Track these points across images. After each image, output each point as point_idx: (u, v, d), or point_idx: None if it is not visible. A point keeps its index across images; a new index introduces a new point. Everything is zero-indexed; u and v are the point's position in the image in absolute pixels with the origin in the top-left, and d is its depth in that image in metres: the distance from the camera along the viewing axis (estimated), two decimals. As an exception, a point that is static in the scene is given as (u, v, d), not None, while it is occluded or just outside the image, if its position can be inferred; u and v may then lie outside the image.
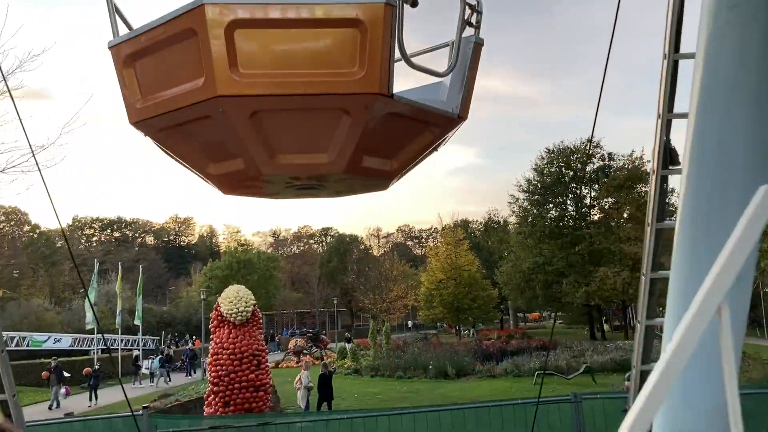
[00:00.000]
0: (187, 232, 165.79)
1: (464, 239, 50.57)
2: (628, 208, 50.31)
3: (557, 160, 54.03)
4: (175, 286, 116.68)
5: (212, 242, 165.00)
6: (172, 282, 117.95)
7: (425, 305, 49.05)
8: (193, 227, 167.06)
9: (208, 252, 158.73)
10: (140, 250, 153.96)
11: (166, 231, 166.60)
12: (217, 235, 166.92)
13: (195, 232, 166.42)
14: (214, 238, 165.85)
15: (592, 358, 27.43)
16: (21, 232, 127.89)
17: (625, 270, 48.72)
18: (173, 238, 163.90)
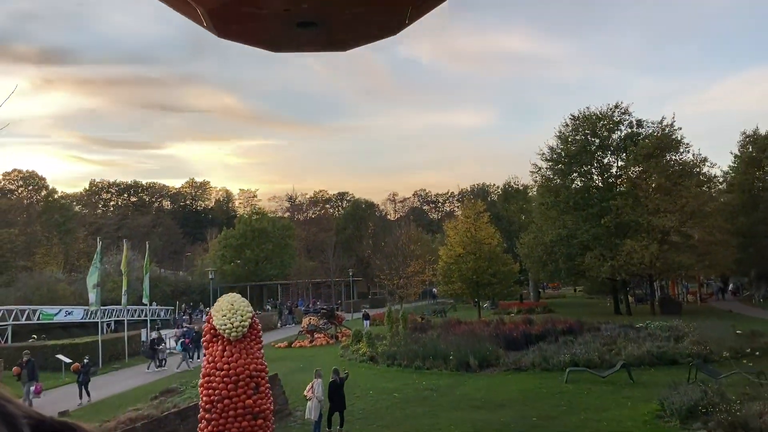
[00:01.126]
0: (204, 197, 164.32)
1: (484, 211, 47.91)
2: (657, 177, 47.38)
3: (582, 127, 51.00)
4: (192, 252, 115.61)
5: (228, 207, 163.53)
6: (188, 248, 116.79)
7: (443, 280, 46.80)
8: (209, 192, 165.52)
9: (224, 217, 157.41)
10: (157, 214, 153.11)
11: (182, 195, 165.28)
12: (233, 200, 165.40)
13: (211, 197, 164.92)
14: (230, 202, 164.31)
15: (626, 350, 25.11)
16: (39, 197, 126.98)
17: (653, 243, 46.10)
18: (189, 202, 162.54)
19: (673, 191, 47.04)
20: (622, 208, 47.64)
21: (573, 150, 50.57)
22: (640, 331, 33.58)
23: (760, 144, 61.03)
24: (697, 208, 45.69)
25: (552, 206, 51.28)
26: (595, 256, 47.93)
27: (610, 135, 51.13)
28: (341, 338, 40.62)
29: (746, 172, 60.92)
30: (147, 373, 32.16)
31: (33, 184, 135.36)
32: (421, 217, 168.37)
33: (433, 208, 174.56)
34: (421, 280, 46.37)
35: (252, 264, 75.99)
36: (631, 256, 46.04)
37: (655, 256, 45.54)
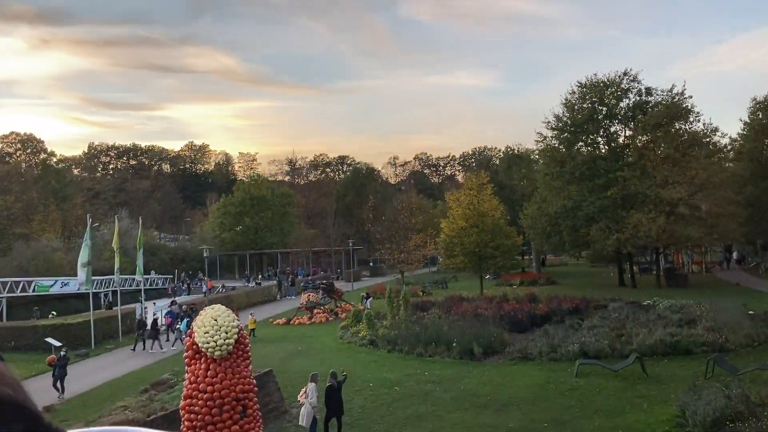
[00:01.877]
0: (203, 160, 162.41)
1: (488, 183, 46.33)
2: (666, 148, 45.69)
3: (590, 95, 49.06)
4: (191, 217, 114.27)
5: (228, 170, 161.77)
6: (188, 212, 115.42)
7: (445, 253, 45.49)
8: (209, 155, 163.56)
9: (224, 180, 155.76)
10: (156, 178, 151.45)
11: (182, 158, 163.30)
12: (233, 163, 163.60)
13: (211, 160, 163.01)
14: (230, 166, 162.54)
15: (638, 338, 23.86)
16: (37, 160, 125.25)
17: (661, 216, 44.66)
18: (189, 166, 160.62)
19: (682, 162, 45.41)
20: (629, 180, 46.06)
21: (580, 118, 48.74)
22: (648, 311, 32.39)
23: (772, 110, 59.12)
24: (706, 180, 44.10)
25: (557, 176, 49.70)
26: (600, 229, 46.53)
27: (618, 103, 49.23)
28: (341, 314, 39.49)
29: (756, 139, 59.15)
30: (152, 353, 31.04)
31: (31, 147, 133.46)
32: (422, 181, 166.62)
33: (434, 172, 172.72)
34: (422, 254, 45.03)
35: (251, 232, 74.70)
36: (637, 228, 44.64)
37: (662, 229, 44.14)
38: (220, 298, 44.97)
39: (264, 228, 74.87)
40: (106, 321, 34.84)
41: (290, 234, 75.12)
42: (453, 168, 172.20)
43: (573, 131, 49.05)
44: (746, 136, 60.55)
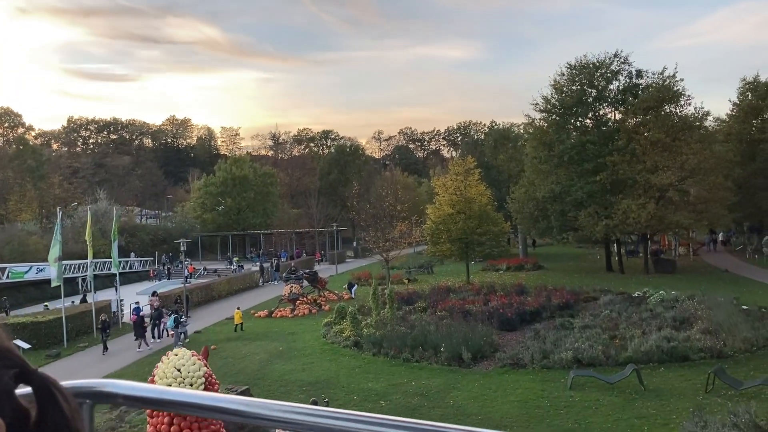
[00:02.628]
0: (185, 134, 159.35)
1: (474, 167, 44.95)
2: (657, 132, 44.45)
3: (579, 77, 47.57)
4: (173, 194, 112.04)
5: (210, 145, 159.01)
6: (169, 189, 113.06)
7: (431, 240, 44.24)
8: (191, 129, 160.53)
9: (206, 155, 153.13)
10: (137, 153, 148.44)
11: (163, 133, 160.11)
12: (215, 138, 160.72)
13: (193, 135, 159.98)
14: (212, 140, 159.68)
15: (633, 343, 22.81)
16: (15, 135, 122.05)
17: (650, 202, 43.63)
18: (171, 140, 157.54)
19: (672, 147, 44.28)
20: (618, 165, 44.89)
21: (569, 101, 47.32)
22: (640, 305, 31.48)
23: (761, 92, 58.04)
24: (697, 165, 43.03)
25: (545, 160, 48.45)
26: (589, 214, 45.46)
27: (607, 85, 47.82)
28: (324, 306, 38.22)
29: (745, 120, 58.15)
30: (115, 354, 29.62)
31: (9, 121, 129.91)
32: (407, 156, 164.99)
33: (419, 147, 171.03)
34: (407, 243, 43.73)
35: (233, 212, 72.97)
36: (626, 215, 43.65)
37: (651, 215, 43.16)
38: (200, 287, 43.51)
39: (246, 208, 73.14)
40: (80, 317, 33.26)
41: (273, 214, 73.44)
42: (438, 142, 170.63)
43: (562, 114, 47.65)
44: (736, 117, 59.51)
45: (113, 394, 1.42)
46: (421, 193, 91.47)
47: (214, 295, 44.42)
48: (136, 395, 1.43)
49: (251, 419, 1.31)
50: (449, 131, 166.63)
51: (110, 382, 1.43)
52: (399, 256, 42.79)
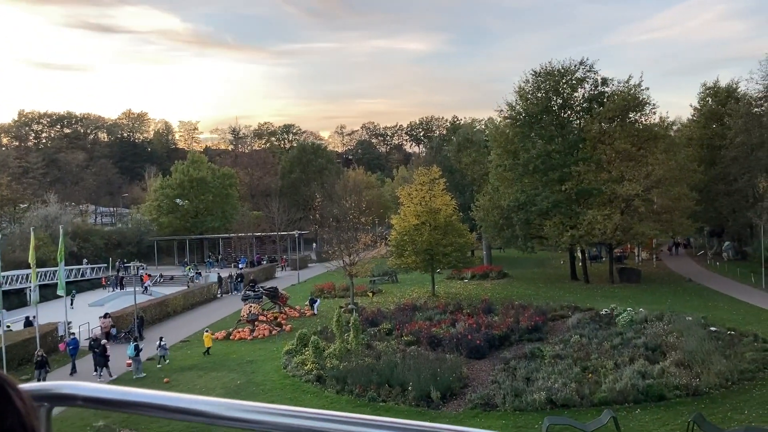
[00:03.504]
0: (142, 129, 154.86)
1: (440, 177, 43.77)
2: (622, 142, 43.85)
3: (544, 84, 46.63)
4: (129, 192, 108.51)
5: (168, 139, 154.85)
6: (125, 187, 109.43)
7: (396, 252, 42.94)
8: (148, 123, 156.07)
9: (164, 150, 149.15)
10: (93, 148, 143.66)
11: (119, 127, 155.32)
12: (173, 132, 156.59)
13: (150, 129, 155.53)
14: (170, 135, 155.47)
15: (607, 380, 21.86)
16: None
17: (616, 213, 43.05)
18: (127, 134, 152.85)
19: (638, 156, 43.77)
20: (584, 174, 44.19)
21: (534, 109, 46.35)
22: (609, 326, 30.76)
23: (721, 97, 58.18)
24: (662, 176, 42.60)
25: (510, 168, 47.49)
26: (554, 225, 44.73)
27: (573, 93, 47.00)
28: (285, 325, 36.62)
29: (706, 126, 58.22)
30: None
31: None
32: (370, 151, 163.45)
33: (381, 141, 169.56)
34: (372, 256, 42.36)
35: (191, 215, 70.51)
36: (592, 226, 43.01)
37: (617, 226, 42.60)
38: (154, 304, 41.38)
39: (204, 211, 70.74)
40: (23, 345, 30.99)
41: (233, 217, 71.20)
42: (401, 137, 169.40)
43: (527, 122, 46.68)
44: (697, 122, 59.57)
45: (72, 396, 1.37)
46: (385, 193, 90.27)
47: (169, 312, 42.38)
48: (96, 396, 1.38)
49: (217, 420, 1.27)
50: (412, 126, 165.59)
51: (69, 383, 1.36)
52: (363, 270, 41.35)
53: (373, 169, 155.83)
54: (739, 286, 42.93)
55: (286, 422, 1.22)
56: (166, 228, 70.44)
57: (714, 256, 57.49)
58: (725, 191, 53.84)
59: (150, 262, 71.27)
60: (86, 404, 1.37)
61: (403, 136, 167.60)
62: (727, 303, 37.62)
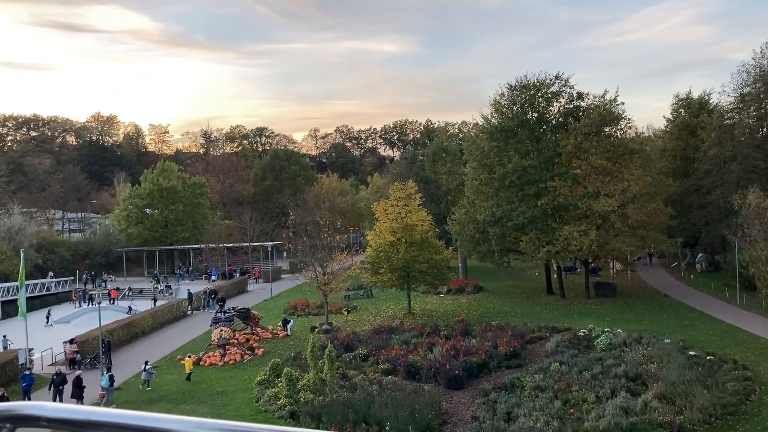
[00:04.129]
0: (111, 132, 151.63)
1: (416, 193, 42.99)
2: (598, 158, 43.49)
3: (520, 98, 46.08)
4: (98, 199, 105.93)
5: (138, 142, 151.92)
6: (94, 194, 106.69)
7: (372, 269, 42.05)
8: (117, 126, 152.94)
9: (134, 153, 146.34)
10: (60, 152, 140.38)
11: (88, 130, 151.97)
12: (143, 136, 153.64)
13: (120, 132, 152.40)
14: (140, 138, 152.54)
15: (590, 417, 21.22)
16: None
17: (592, 229, 42.67)
18: (96, 138, 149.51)
19: (614, 172, 43.46)
20: (560, 189, 43.74)
21: (509, 123, 45.78)
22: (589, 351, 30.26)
23: (693, 109, 58.33)
24: (638, 192, 42.35)
25: (486, 182, 46.89)
26: (531, 240, 44.22)
27: (548, 107, 46.52)
28: (257, 348, 35.44)
29: (679, 137, 58.31)
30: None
31: None
32: (344, 154, 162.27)
33: (355, 145, 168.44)
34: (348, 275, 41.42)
35: (161, 225, 68.78)
36: (568, 242, 42.58)
37: (593, 242, 42.24)
38: (121, 325, 39.79)
39: (174, 221, 69.05)
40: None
41: (204, 227, 69.60)
42: (374, 141, 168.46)
43: (503, 137, 46.09)
44: (670, 133, 59.67)
45: (36, 417, 1.35)
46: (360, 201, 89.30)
47: (137, 332, 40.88)
48: (61, 417, 1.35)
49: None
50: (386, 130, 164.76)
51: (33, 404, 1.35)
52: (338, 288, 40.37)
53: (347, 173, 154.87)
54: (715, 302, 42.86)
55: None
56: (135, 239, 68.62)
57: (687, 266, 57.62)
58: (698, 203, 53.92)
59: (119, 273, 69.43)
60: (51, 425, 1.33)
61: (377, 139, 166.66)
62: (704, 322, 37.41)
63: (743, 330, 34.70)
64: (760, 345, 31.62)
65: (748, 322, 36.46)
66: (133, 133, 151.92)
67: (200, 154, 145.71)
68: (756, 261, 38.05)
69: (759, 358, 29.17)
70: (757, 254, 37.90)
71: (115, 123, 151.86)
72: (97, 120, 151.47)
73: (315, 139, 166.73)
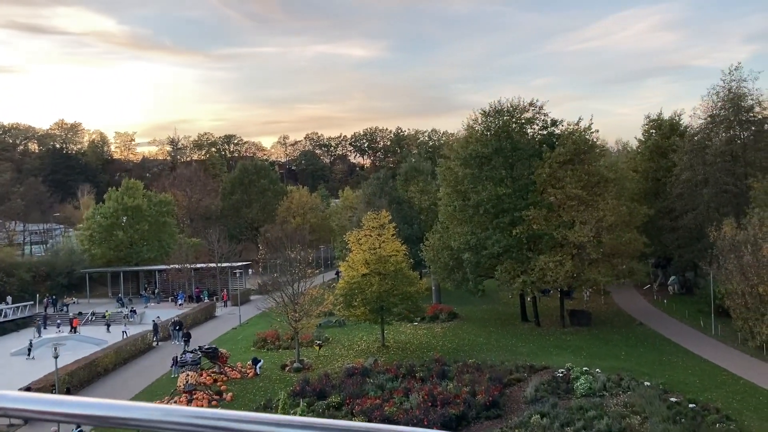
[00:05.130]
0: (75, 140, 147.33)
1: (390, 222, 41.69)
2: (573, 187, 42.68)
3: (494, 124, 45.07)
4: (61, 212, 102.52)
5: (104, 150, 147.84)
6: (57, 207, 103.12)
7: (344, 302, 40.61)
8: (82, 134, 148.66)
9: (99, 162, 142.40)
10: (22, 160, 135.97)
11: (51, 137, 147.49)
12: (108, 143, 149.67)
13: (84, 140, 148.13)
14: (105, 146, 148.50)
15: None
16: None
17: (567, 260, 41.85)
18: (60, 146, 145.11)
19: (589, 201, 42.71)
20: (535, 219, 42.84)
21: (484, 150, 44.75)
22: (569, 398, 29.39)
23: (665, 130, 58.10)
24: (614, 222, 41.68)
25: (460, 209, 45.82)
26: (506, 269, 43.29)
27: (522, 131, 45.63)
28: (225, 392, 33.78)
29: (650, 159, 57.98)
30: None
31: None
32: (314, 162, 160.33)
33: (325, 152, 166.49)
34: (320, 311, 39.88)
35: (125, 245, 66.35)
36: (544, 272, 41.73)
37: (570, 273, 41.44)
38: (82, 366, 37.61)
39: (139, 241, 66.67)
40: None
41: (170, 247, 67.26)
42: (344, 148, 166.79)
43: (478, 163, 45.04)
44: (641, 154, 59.36)
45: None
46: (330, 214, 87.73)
47: (99, 371, 38.83)
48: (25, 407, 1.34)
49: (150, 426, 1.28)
50: (356, 137, 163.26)
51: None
52: (311, 327, 38.88)
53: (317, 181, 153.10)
54: (690, 333, 42.41)
55: (223, 426, 1.23)
56: (98, 260, 66.08)
57: (659, 287, 57.30)
58: (670, 226, 53.54)
59: (81, 293, 66.80)
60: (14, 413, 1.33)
61: (347, 146, 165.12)
62: (681, 357, 36.79)
63: (722, 368, 34.10)
64: (740, 387, 31.01)
65: (726, 359, 35.95)
66: (98, 140, 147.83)
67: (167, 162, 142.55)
68: (732, 294, 37.56)
69: (741, 404, 28.50)
70: (733, 288, 37.40)
71: (80, 130, 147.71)
72: (61, 127, 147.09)
73: (284, 146, 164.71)
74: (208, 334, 49.96)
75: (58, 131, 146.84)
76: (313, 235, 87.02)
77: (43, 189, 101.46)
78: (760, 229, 37.77)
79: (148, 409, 1.26)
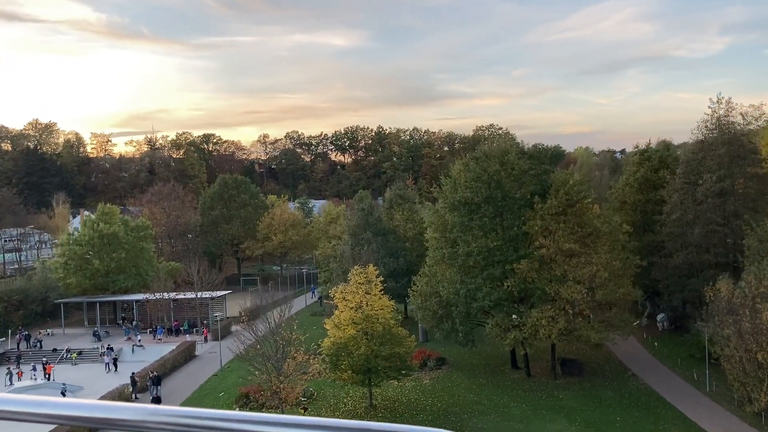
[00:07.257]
0: (50, 141, 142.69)
1: (377, 278, 39.59)
2: (566, 241, 40.88)
3: (485, 172, 42.96)
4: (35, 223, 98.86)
5: (80, 151, 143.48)
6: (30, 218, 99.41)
7: (330, 365, 38.53)
8: (57, 134, 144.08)
9: (75, 163, 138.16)
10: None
11: (25, 137, 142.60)
12: (84, 144, 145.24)
13: (60, 141, 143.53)
14: (81, 147, 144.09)
15: None
16: None
17: (561, 316, 40.19)
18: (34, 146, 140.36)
19: (582, 254, 40.98)
20: (527, 272, 41.04)
21: (474, 197, 42.72)
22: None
23: (654, 163, 56.67)
24: (609, 277, 40.08)
25: (449, 257, 43.92)
26: (497, 324, 41.56)
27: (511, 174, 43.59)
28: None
29: (640, 191, 56.52)
30: None
31: None
32: (294, 161, 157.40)
33: (305, 150, 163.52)
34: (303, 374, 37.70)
35: (101, 274, 63.55)
36: (536, 328, 40.07)
37: (562, 330, 39.84)
38: None
39: (116, 269, 63.89)
40: None
41: (148, 274, 64.56)
42: (325, 147, 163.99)
43: (467, 210, 43.03)
44: (630, 186, 57.84)
45: None
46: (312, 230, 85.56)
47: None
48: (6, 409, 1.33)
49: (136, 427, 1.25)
50: (336, 136, 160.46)
51: None
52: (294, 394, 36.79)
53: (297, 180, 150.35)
54: (684, 388, 41.14)
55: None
56: (74, 289, 63.25)
57: (648, 319, 56.03)
58: (661, 264, 52.11)
59: (56, 322, 64.03)
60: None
61: (328, 145, 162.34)
62: (678, 425, 35.43)
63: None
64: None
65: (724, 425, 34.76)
66: (74, 140, 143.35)
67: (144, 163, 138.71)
68: (729, 359, 36.19)
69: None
70: (730, 352, 36.01)
71: (55, 131, 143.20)
72: (35, 127, 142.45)
73: (265, 145, 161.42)
74: (187, 382, 47.70)
75: (32, 131, 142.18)
76: (293, 253, 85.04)
77: (17, 201, 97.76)
78: (757, 290, 36.35)
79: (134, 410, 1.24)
